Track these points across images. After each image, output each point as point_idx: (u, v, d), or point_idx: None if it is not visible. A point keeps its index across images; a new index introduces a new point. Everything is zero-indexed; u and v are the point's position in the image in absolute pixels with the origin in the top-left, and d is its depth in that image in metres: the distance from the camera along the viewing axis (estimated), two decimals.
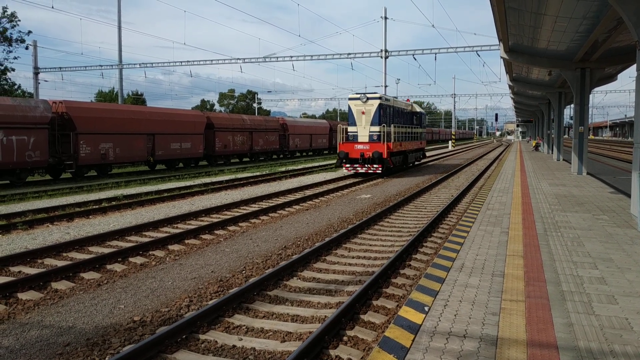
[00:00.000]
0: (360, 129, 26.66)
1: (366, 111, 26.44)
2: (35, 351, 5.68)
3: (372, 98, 26.56)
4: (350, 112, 26.95)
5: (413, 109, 34.25)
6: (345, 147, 26.84)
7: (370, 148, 26.05)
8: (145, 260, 9.65)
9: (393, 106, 28.66)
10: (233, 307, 6.96)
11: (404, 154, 30.26)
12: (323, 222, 13.76)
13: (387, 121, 27.01)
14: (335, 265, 9.39)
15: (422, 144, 36.63)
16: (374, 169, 25.85)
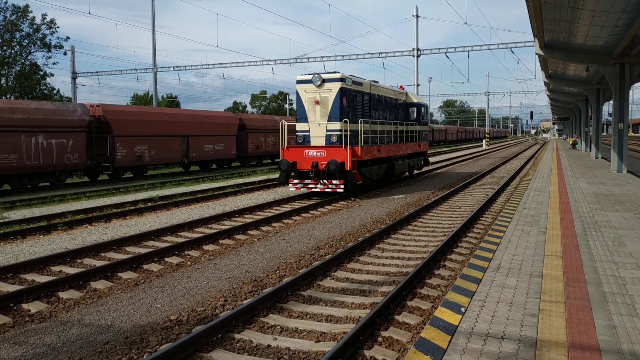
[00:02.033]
0: (314, 127, 18.12)
1: (322, 100, 17.90)
2: (76, 349, 5.81)
3: (331, 80, 17.90)
4: (299, 102, 18.39)
5: (408, 100, 25.23)
6: (292, 153, 18.19)
7: (326, 155, 17.52)
8: (181, 260, 9.79)
9: (368, 93, 20.08)
10: (267, 307, 6.99)
11: (389, 162, 21.47)
12: (356, 222, 13.71)
13: (356, 114, 18.74)
14: (368, 265, 9.35)
15: (422, 147, 26.43)
16: (332, 187, 17.39)
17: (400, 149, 22.82)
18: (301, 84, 18.36)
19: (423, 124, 26.44)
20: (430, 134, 78.60)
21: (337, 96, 17.71)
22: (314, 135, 18.16)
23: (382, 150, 20.33)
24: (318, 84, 17.83)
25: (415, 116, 25.55)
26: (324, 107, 17.94)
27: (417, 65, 39.86)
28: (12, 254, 10.21)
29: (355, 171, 17.57)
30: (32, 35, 50.61)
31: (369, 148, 18.84)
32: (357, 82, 19.13)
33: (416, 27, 39.22)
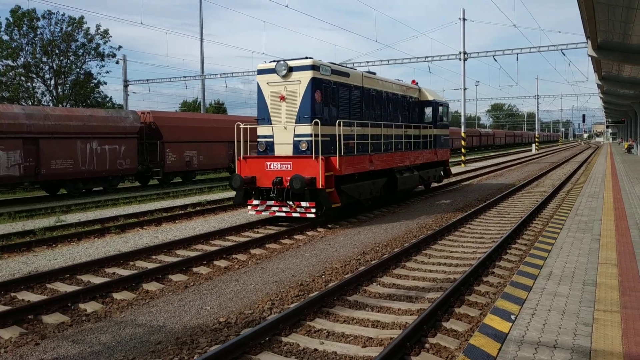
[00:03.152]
0: (279, 131, 13.99)
1: (288, 94, 13.76)
2: (130, 348, 6.01)
3: (300, 68, 13.68)
4: (261, 98, 14.23)
5: (422, 97, 20.61)
6: (251, 166, 14.01)
7: (293, 168, 13.36)
8: (229, 263, 9.96)
9: (359, 86, 15.71)
10: (314, 311, 7.04)
11: (389, 175, 16.77)
12: (402, 227, 13.63)
13: (338, 113, 14.51)
14: (415, 271, 9.28)
15: (441, 155, 21.50)
16: (301, 212, 13.26)
17: (407, 159, 18.01)
18: (263, 74, 14.05)
19: (442, 126, 21.65)
20: (478, 138, 77.33)
21: (307, 89, 13.39)
22: (279, 141, 13.90)
23: (377, 161, 15.60)
24: (283, 73, 13.58)
25: (431, 117, 20.83)
26: (291, 105, 13.64)
27: (464, 68, 39.35)
28: (69, 256, 10.63)
29: (331, 190, 13.11)
30: (86, 45, 52.59)
31: (353, 159, 14.15)
32: (340, 72, 14.77)
33: (463, 31, 38.73)
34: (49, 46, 48.43)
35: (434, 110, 20.85)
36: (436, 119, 20.99)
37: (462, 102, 41.30)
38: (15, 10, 46.09)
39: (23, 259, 10.51)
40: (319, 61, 13.78)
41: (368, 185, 15.43)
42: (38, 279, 8.67)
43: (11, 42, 46.46)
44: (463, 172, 32.32)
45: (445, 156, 22.37)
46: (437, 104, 20.98)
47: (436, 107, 20.93)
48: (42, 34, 48.43)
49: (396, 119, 18.33)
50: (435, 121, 20.90)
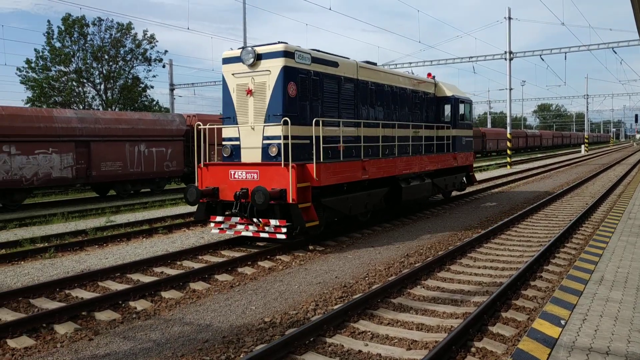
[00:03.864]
0: (245, 133, 11.73)
1: (256, 87, 11.51)
2: (179, 346, 6.16)
3: (269, 55, 11.35)
4: (226, 93, 12.02)
5: (439, 92, 18.09)
6: (212, 174, 11.73)
7: (260, 178, 11.03)
8: (273, 264, 10.07)
9: (351, 79, 13.35)
10: (358, 313, 7.05)
11: (392, 184, 14.28)
12: (446, 230, 13.47)
13: (318, 109, 12.08)
14: (460, 274, 9.17)
15: (461, 160, 18.59)
16: (270, 231, 10.93)
17: (416, 164, 15.32)
18: (228, 64, 11.84)
19: (463, 126, 18.74)
20: (524, 139, 75.52)
21: (278, 81, 11.07)
22: (246, 145, 11.61)
23: (373, 168, 13.01)
24: (250, 61, 11.28)
25: (450, 115, 18.08)
26: (259, 100, 11.35)
27: (510, 68, 38.57)
28: (119, 255, 10.97)
29: (306, 204, 10.70)
30: (134, 50, 54.03)
31: (337, 166, 11.67)
32: (324, 61, 12.36)
33: (508, 30, 37.98)
34: (98, 52, 49.99)
35: (453, 107, 18.07)
36: (456, 118, 18.14)
37: (507, 103, 40.46)
38: (66, 18, 47.75)
39: (76, 257, 10.90)
40: (294, 46, 11.43)
41: (362, 197, 12.81)
42: (90, 277, 8.99)
43: (64, 49, 48.17)
44: (508, 174, 31.67)
45: (468, 161, 19.40)
46: (457, 100, 18.18)
47: (456, 104, 18.12)
48: (92, 40, 50.04)
49: (404, 117, 15.78)
50: (454, 120, 18.09)
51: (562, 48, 37.09)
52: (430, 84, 17.98)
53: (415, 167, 15.35)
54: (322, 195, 11.48)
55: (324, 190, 11.52)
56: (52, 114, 21.01)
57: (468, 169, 19.61)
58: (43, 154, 19.79)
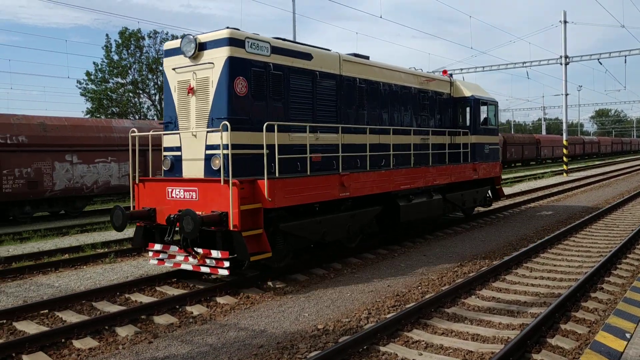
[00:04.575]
0: (187, 140, 9.74)
1: (198, 84, 9.52)
2: (234, 350, 6.28)
3: (213, 43, 9.33)
4: (167, 91, 10.08)
5: (456, 92, 15.76)
6: (150, 192, 9.79)
7: (199, 198, 9.03)
8: (325, 272, 10.11)
9: (333, 75, 11.23)
10: (411, 322, 7.00)
11: (387, 202, 12.03)
12: (501, 239, 13.19)
13: (281, 111, 10.04)
14: (516, 285, 8.96)
15: (482, 172, 15.90)
16: (211, 265, 8.81)
17: (419, 177, 12.84)
18: (169, 57, 9.99)
19: (485, 132, 16.24)
20: (581, 145, 73.02)
21: (223, 76, 9.09)
22: (188, 156, 9.65)
23: (355, 183, 10.62)
24: (191, 52, 9.38)
25: (469, 119, 15.65)
26: (202, 100, 9.40)
27: (566, 73, 37.50)
28: None
29: (255, 232, 8.58)
30: None
31: (299, 182, 9.38)
32: (291, 52, 10.22)
33: (564, 34, 36.97)
34: (153, 64, 51.65)
35: (472, 110, 15.62)
36: (476, 122, 15.68)
37: (563, 109, 39.32)
38: (123, 32, 49.61)
39: (134, 263, 11.27)
40: (244, 33, 9.38)
41: (342, 220, 10.57)
42: (148, 282, 9.28)
43: (121, 61, 50.02)
44: (565, 182, 30.71)
45: (493, 172, 16.52)
46: (477, 101, 15.68)
47: (476, 106, 15.68)
48: (147, 53, 51.75)
49: (407, 121, 13.63)
50: (474, 125, 15.63)
51: (622, 51, 35.80)
52: (445, 83, 15.49)
53: (419, 180, 12.86)
54: (282, 219, 9.35)
55: (285, 212, 9.40)
56: (111, 124, 21.85)
57: (494, 181, 16.98)
58: (102, 163, 20.57)
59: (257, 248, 8.62)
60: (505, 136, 56.92)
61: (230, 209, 8.36)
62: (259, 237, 8.68)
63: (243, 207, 8.47)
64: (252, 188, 8.78)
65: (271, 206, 8.78)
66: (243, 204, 8.50)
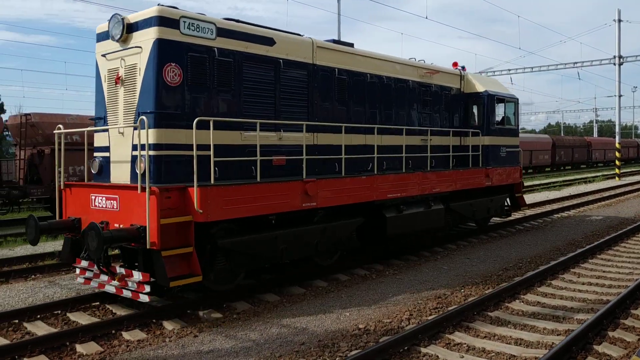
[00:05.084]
0: (115, 139, 8.39)
1: (125, 72, 8.11)
2: (277, 346, 6.41)
3: (142, 23, 7.85)
4: (98, 81, 8.67)
5: (467, 87, 14.04)
6: (75, 199, 8.47)
7: (120, 208, 7.62)
8: (367, 272, 10.15)
9: (301, 63, 9.72)
10: (453, 324, 6.97)
11: (371, 212, 10.50)
12: (547, 244, 12.91)
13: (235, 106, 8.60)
14: (562, 290, 8.78)
15: (497, 178, 14.00)
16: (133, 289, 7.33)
17: (413, 184, 11.15)
18: (100, 42, 8.68)
19: (501, 132, 14.31)
20: (635, 149, 70.24)
21: (150, 62, 7.74)
22: (115, 157, 8.40)
23: (325, 191, 9.17)
24: (118, 35, 8.08)
25: (482, 118, 13.89)
26: (129, 91, 8.10)
27: (619, 73, 36.27)
28: None
29: (182, 250, 7.26)
30: None
31: (244, 190, 7.89)
32: (242, 35, 8.73)
33: (618, 33, 35.75)
34: None
35: (485, 107, 13.77)
36: (489, 121, 13.84)
37: (616, 111, 38.03)
38: None
39: None
40: (179, 11, 8.00)
41: (308, 235, 9.13)
42: None
43: None
44: (617, 186, 29.71)
45: (511, 178, 14.63)
46: (491, 98, 13.81)
47: (490, 102, 13.80)
48: None
49: (403, 119, 11.97)
50: (487, 124, 13.80)
51: None
52: (453, 76, 13.73)
53: (413, 188, 11.15)
54: (223, 234, 7.97)
55: (227, 225, 8.04)
56: None
57: (513, 188, 15.12)
58: None
59: (184, 270, 7.20)
60: (555, 138, 55.49)
61: (147, 223, 6.97)
62: (188, 257, 7.29)
63: (165, 221, 7.05)
64: (182, 197, 7.38)
65: (203, 219, 7.29)
66: (167, 216, 7.12)
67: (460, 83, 13.96)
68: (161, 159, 7.64)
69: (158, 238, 6.97)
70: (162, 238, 7.02)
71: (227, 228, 8.09)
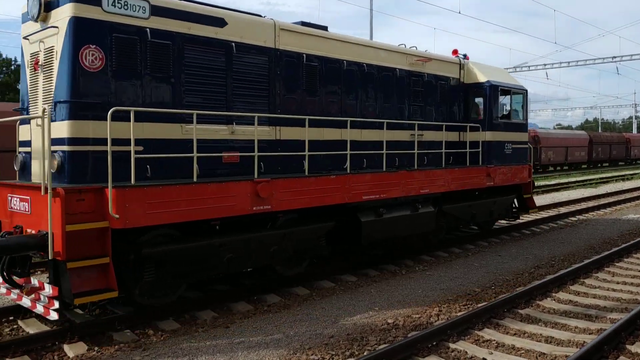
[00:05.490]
0: (35, 132, 7.40)
1: (44, 56, 7.28)
2: (306, 339, 6.51)
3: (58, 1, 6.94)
4: (23, 68, 7.96)
5: (467, 77, 12.88)
6: None
7: (32, 210, 6.69)
8: (396, 268, 10.18)
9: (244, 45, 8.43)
10: (482, 321, 6.96)
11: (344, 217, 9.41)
12: (581, 242, 12.70)
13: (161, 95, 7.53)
14: (595, 289, 8.65)
15: (502, 176, 12.71)
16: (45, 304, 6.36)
17: (395, 185, 9.93)
18: (24, 24, 7.82)
19: (506, 127, 13.03)
20: None
21: (66, 45, 6.89)
22: (35, 153, 7.51)
23: (283, 192, 8.08)
24: (36, 14, 7.21)
25: (484, 111, 12.70)
26: (47, 78, 7.29)
27: None
28: None
29: (98, 261, 6.34)
30: None
31: (176, 191, 6.87)
32: (184, 14, 7.77)
33: None
34: None
35: (488, 99, 12.51)
36: (491, 115, 12.53)
37: None
38: None
39: None
40: None
41: (261, 242, 8.13)
42: None
43: None
44: None
45: (517, 177, 13.30)
46: (494, 88, 12.49)
47: (492, 94, 12.49)
48: None
49: (388, 112, 10.85)
50: (489, 118, 12.51)
51: None
52: (451, 65, 12.55)
53: (395, 189, 9.93)
54: (151, 243, 6.97)
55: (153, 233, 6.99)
56: None
57: (522, 188, 13.87)
58: None
59: (96, 284, 6.26)
60: (592, 135, 54.27)
61: (50, 229, 6.09)
62: (104, 269, 6.35)
63: (73, 227, 6.14)
64: (98, 200, 6.45)
65: (120, 226, 6.37)
66: (78, 221, 6.22)
67: (459, 73, 12.77)
68: (78, 155, 6.77)
69: (63, 247, 6.05)
70: (69, 247, 6.10)
71: (168, 235, 7.16)
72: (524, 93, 13.65)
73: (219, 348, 6.25)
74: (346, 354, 6.02)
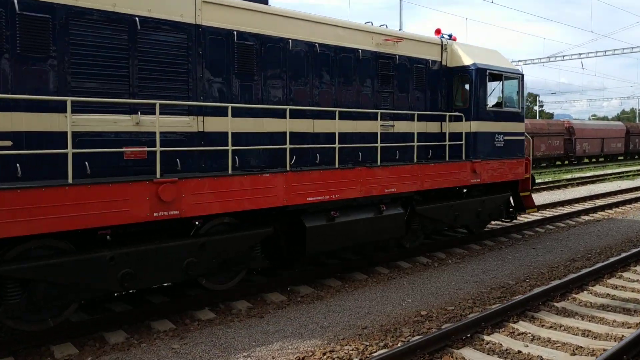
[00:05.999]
0: None
1: None
2: (339, 330, 6.57)
3: None
4: None
5: (452, 61, 11.24)
6: None
7: None
8: (429, 260, 10.15)
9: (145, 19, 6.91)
10: (517, 314, 6.92)
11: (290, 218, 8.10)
12: (619, 235, 12.44)
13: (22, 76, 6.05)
14: (634, 282, 8.50)
15: (491, 172, 11.10)
16: None
17: (352, 184, 8.51)
18: None
19: (496, 117, 11.45)
20: None
21: None
22: None
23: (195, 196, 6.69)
24: None
25: (469, 98, 11.09)
26: None
27: None
28: None
29: None
30: None
31: (39, 195, 5.51)
32: None
33: None
34: None
35: (474, 84, 10.93)
36: (478, 102, 10.99)
37: None
38: None
39: None
40: None
41: (169, 254, 6.75)
42: None
43: None
44: None
45: (511, 173, 11.76)
46: (481, 72, 10.96)
47: (479, 78, 10.96)
48: None
49: (350, 99, 9.52)
50: (475, 106, 10.98)
51: None
52: (431, 46, 10.97)
53: (353, 188, 8.55)
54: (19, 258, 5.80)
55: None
56: None
57: (517, 186, 12.25)
58: None
59: None
60: (629, 125, 52.86)
61: None
62: None
63: None
64: None
65: None
66: None
67: (441, 55, 11.14)
68: None
69: None
70: None
71: (52, 247, 6.05)
72: (519, 78, 11.98)
73: (254, 337, 6.35)
74: (380, 345, 6.06)
